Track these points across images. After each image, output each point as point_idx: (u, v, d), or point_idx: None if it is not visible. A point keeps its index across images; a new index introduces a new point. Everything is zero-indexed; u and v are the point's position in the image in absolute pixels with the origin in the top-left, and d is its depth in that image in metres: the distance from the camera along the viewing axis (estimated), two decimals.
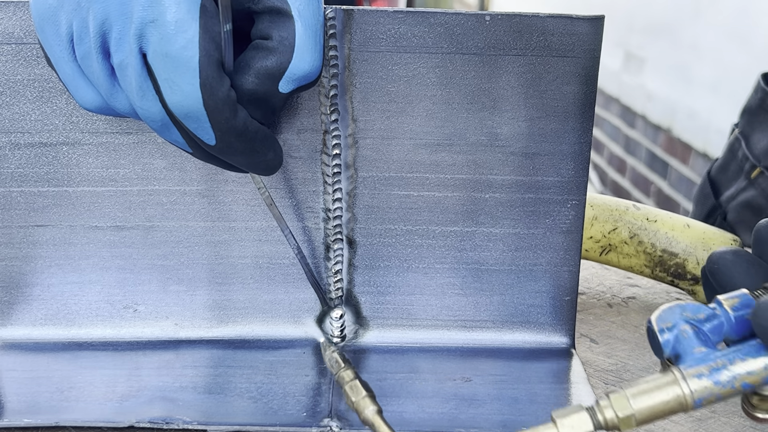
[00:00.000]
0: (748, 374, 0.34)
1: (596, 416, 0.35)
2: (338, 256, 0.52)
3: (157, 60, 0.38)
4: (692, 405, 0.34)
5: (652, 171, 2.51)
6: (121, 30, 0.38)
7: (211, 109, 0.39)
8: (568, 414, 0.35)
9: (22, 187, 0.51)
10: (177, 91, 0.38)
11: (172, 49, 0.38)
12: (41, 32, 0.40)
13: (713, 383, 0.34)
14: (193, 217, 0.52)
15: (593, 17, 0.47)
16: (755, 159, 0.86)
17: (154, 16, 0.38)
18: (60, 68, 0.41)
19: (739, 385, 0.34)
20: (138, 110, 0.40)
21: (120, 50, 0.39)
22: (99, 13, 0.39)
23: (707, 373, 0.34)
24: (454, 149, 0.50)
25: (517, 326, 0.53)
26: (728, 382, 0.34)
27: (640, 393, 0.35)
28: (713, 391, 0.34)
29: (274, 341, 0.53)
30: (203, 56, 0.38)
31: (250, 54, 0.41)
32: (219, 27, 0.39)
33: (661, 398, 0.34)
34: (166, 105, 0.39)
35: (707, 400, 0.34)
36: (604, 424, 0.35)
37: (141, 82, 0.39)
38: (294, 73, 0.41)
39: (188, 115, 0.39)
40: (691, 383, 0.34)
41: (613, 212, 0.63)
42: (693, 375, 0.34)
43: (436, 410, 0.46)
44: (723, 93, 2.05)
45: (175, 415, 0.45)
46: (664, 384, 0.34)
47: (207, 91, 0.38)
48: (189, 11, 0.38)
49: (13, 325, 0.53)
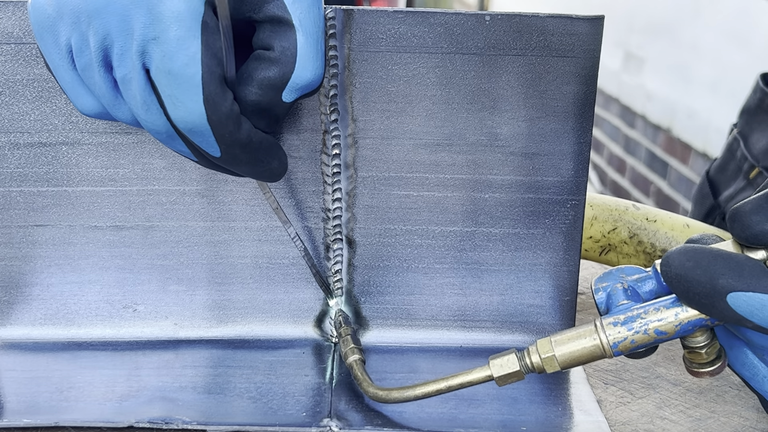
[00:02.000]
0: (658, 321, 0.37)
1: (524, 359, 0.40)
2: (338, 256, 0.52)
3: (160, 76, 0.38)
4: (609, 350, 0.38)
5: (651, 171, 2.51)
6: (122, 46, 0.38)
7: (215, 124, 0.39)
8: (499, 356, 0.41)
9: (22, 187, 0.51)
10: (180, 108, 0.39)
11: (174, 66, 0.38)
12: (40, 40, 0.40)
13: (627, 329, 0.38)
14: (192, 217, 0.52)
15: (593, 17, 0.47)
16: (754, 159, 0.87)
17: (156, 33, 0.37)
18: (59, 76, 0.41)
19: (652, 332, 0.37)
20: (142, 123, 0.40)
21: (123, 65, 0.39)
22: (99, 29, 0.38)
23: (622, 320, 0.38)
24: (454, 149, 0.50)
25: (517, 326, 0.53)
26: (641, 328, 0.37)
27: (564, 339, 0.39)
28: (627, 336, 0.38)
29: (273, 341, 0.53)
30: (206, 73, 0.38)
31: (252, 65, 0.41)
32: (220, 42, 0.39)
33: (582, 344, 0.39)
34: (170, 119, 0.39)
35: (623, 345, 0.38)
36: (530, 365, 0.40)
37: (145, 96, 0.39)
38: (297, 82, 0.41)
39: (192, 130, 0.39)
40: (607, 330, 0.38)
41: (613, 212, 0.63)
42: (610, 323, 0.38)
43: (436, 410, 0.46)
44: (722, 93, 2.05)
45: (175, 415, 0.45)
46: (585, 332, 0.39)
47: (210, 107, 0.39)
48: (190, 29, 0.38)
49: (13, 324, 0.53)
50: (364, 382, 0.45)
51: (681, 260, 0.35)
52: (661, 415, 0.47)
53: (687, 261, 0.35)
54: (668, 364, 0.52)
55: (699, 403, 0.48)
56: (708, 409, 0.48)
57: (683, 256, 0.35)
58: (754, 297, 0.33)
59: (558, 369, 0.39)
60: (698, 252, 0.35)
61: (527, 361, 0.40)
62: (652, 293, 0.39)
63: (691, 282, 0.35)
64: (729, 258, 0.34)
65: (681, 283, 0.35)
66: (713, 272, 0.34)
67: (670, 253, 0.36)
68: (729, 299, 0.34)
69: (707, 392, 0.50)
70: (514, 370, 0.40)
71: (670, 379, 0.51)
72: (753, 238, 0.35)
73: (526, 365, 0.40)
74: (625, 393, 0.49)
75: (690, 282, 0.35)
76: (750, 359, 0.39)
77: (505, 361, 0.40)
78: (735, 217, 0.36)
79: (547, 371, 0.40)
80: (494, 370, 0.40)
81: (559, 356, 0.39)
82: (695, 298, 0.35)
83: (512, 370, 0.40)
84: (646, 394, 0.49)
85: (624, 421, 0.46)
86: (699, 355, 0.38)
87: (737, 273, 0.34)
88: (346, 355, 0.48)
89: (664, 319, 0.37)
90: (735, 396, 0.49)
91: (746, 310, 0.34)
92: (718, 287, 0.34)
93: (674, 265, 0.36)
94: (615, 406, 0.48)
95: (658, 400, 0.48)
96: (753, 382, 0.39)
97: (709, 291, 0.34)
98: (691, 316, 0.37)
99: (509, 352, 0.40)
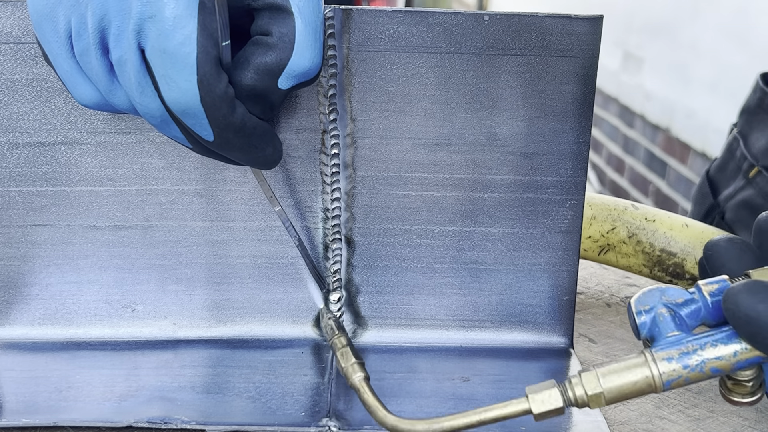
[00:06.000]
0: (716, 359, 0.35)
1: (567, 393, 0.36)
2: (337, 256, 0.52)
3: (155, 56, 0.38)
4: (661, 387, 0.35)
5: (650, 171, 2.51)
6: (119, 26, 0.38)
7: (208, 105, 0.39)
8: (540, 390, 0.36)
9: (21, 187, 0.51)
10: (174, 88, 0.38)
11: (169, 45, 0.38)
12: (39, 29, 0.40)
13: (682, 367, 0.35)
14: (191, 217, 0.52)
15: (592, 17, 0.47)
16: (753, 158, 0.87)
17: (153, 11, 0.38)
18: (58, 65, 0.41)
19: (708, 370, 0.35)
20: (137, 106, 0.40)
21: (119, 46, 0.39)
22: (97, 9, 0.38)
23: (677, 356, 0.35)
24: (453, 149, 0.50)
25: (516, 326, 0.53)
26: (697, 366, 0.35)
27: (611, 372, 0.36)
28: (682, 374, 0.35)
29: (272, 341, 0.53)
30: (201, 53, 0.38)
31: (249, 49, 0.41)
32: (216, 23, 0.39)
33: (631, 378, 0.35)
34: (164, 101, 0.39)
35: (676, 383, 0.35)
36: (574, 401, 0.36)
37: (140, 78, 0.39)
38: (293, 69, 0.41)
39: (186, 111, 0.39)
40: (660, 366, 0.35)
41: (612, 212, 0.64)
42: (663, 358, 0.35)
43: (435, 410, 0.46)
44: (722, 93, 2.05)
45: (174, 415, 0.45)
46: (634, 365, 0.35)
47: (204, 88, 0.38)
48: (187, 7, 0.38)
49: (12, 324, 0.53)
50: (379, 411, 0.40)
51: (751, 302, 0.33)
52: (660, 414, 0.47)
53: (759, 303, 0.33)
54: None
55: (698, 402, 0.49)
56: (707, 408, 0.48)
57: (754, 298, 0.33)
58: None
59: (603, 405, 0.36)
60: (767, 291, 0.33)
61: (570, 395, 0.36)
62: (696, 317, 0.36)
63: (763, 327, 0.33)
64: None
65: (751, 326, 0.33)
66: None
67: (737, 292, 0.34)
68: None
69: (706, 392, 0.50)
70: (557, 407, 0.36)
71: None
72: None
73: (569, 400, 0.36)
74: None
75: (761, 327, 0.33)
76: None
77: (547, 396, 0.36)
78: None
79: (591, 407, 0.36)
80: (534, 405, 0.36)
81: (606, 392, 0.35)
82: (765, 341, 0.33)
83: (555, 407, 0.36)
84: None
85: (623, 420, 0.46)
86: (744, 387, 0.36)
87: None
88: (347, 373, 0.43)
89: (722, 357, 0.35)
90: None
91: None
92: None
93: (743, 305, 0.33)
94: (614, 406, 0.48)
95: (657, 400, 0.48)
96: None
97: None
98: (751, 355, 0.34)
99: (550, 386, 0.36)
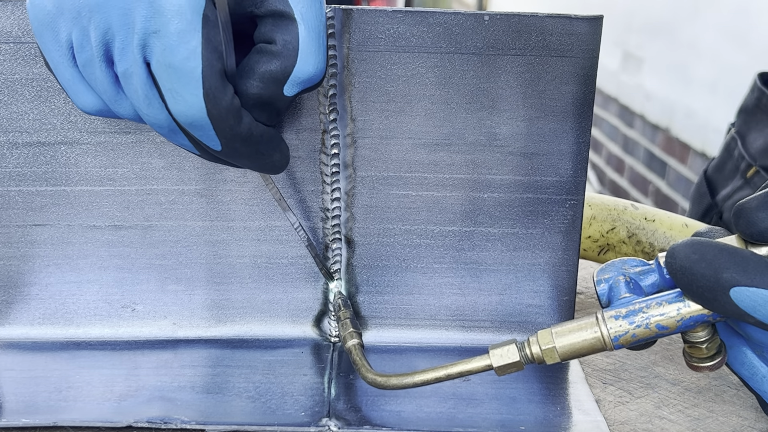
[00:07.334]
0: (660, 316, 0.37)
1: (524, 349, 0.40)
2: (336, 256, 0.52)
3: (160, 70, 0.38)
4: (610, 343, 0.38)
5: (650, 170, 2.51)
6: (123, 40, 0.38)
7: (215, 118, 0.39)
8: (500, 346, 0.40)
9: (20, 187, 0.51)
10: (181, 101, 0.39)
11: (175, 60, 0.38)
12: (39, 38, 0.40)
13: (628, 323, 0.38)
14: (191, 217, 0.52)
15: (592, 17, 0.47)
16: (751, 158, 0.87)
17: (157, 27, 0.38)
18: (59, 73, 0.41)
19: (653, 327, 0.37)
20: (144, 117, 0.40)
21: (124, 59, 0.39)
22: (101, 23, 0.38)
23: (624, 314, 0.38)
24: (453, 149, 0.50)
25: (516, 326, 0.53)
26: (642, 322, 0.37)
27: (565, 331, 0.39)
28: (628, 329, 0.38)
29: (272, 341, 0.53)
30: (206, 66, 0.38)
31: (254, 58, 0.41)
32: (221, 35, 0.39)
33: (582, 336, 0.39)
34: (171, 113, 0.39)
35: (624, 339, 0.38)
36: (530, 356, 0.40)
37: (146, 90, 0.39)
38: (298, 76, 0.41)
39: (192, 123, 0.39)
40: (609, 323, 0.38)
41: (612, 212, 0.64)
42: (611, 315, 0.38)
43: (434, 410, 0.46)
44: (721, 92, 2.05)
45: (174, 415, 0.45)
46: (586, 324, 0.39)
47: (210, 101, 0.39)
48: (191, 22, 0.38)
49: (11, 324, 0.53)
50: (363, 368, 0.45)
51: (686, 252, 0.36)
52: (660, 414, 0.47)
53: (692, 254, 0.35)
54: (667, 363, 0.52)
55: (697, 402, 0.49)
56: (706, 408, 0.48)
57: (689, 249, 0.36)
58: (757, 293, 0.34)
59: (558, 360, 0.39)
60: (703, 245, 0.35)
61: (527, 351, 0.40)
62: (654, 286, 0.39)
63: (695, 275, 0.35)
64: (734, 253, 0.35)
65: (685, 275, 0.35)
66: (718, 266, 0.34)
67: (675, 246, 0.36)
68: (732, 294, 0.34)
69: (706, 392, 0.50)
70: (514, 361, 0.40)
71: (669, 378, 0.51)
72: (758, 235, 0.35)
73: (526, 356, 0.40)
74: (623, 392, 0.49)
75: (694, 275, 0.35)
76: (749, 358, 0.39)
77: (505, 351, 0.40)
78: (740, 213, 0.36)
79: (546, 362, 0.40)
80: (494, 359, 0.40)
81: (559, 348, 0.39)
82: (698, 291, 0.35)
83: (512, 361, 0.40)
84: (645, 393, 0.49)
85: (622, 420, 0.46)
86: (699, 349, 0.38)
87: (742, 268, 0.34)
88: (345, 339, 0.48)
89: (666, 314, 0.37)
90: (733, 395, 0.49)
91: (749, 305, 0.34)
92: (722, 281, 0.34)
93: (679, 257, 0.36)
94: (613, 406, 0.48)
95: (656, 400, 0.48)
96: (752, 381, 0.39)
97: (713, 284, 0.34)
98: (693, 311, 0.37)
99: (509, 342, 0.40)
